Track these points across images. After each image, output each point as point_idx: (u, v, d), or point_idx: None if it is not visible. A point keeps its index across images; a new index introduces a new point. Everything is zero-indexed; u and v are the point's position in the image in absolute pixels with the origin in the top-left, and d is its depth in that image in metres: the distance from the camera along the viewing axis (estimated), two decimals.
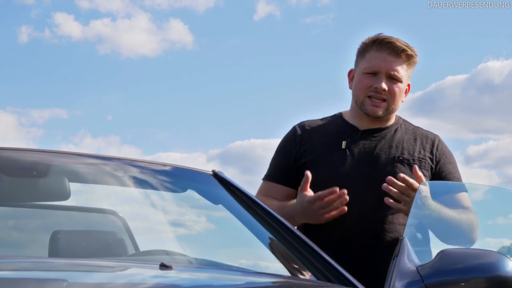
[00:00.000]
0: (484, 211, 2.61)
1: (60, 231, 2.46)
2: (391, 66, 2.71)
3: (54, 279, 1.75)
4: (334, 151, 2.76)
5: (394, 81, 2.72)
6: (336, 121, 2.86)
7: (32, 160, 2.46)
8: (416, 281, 1.91)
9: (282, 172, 2.82)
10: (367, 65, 2.74)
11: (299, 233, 2.20)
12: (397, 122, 2.84)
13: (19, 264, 1.92)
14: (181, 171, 2.58)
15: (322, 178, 2.71)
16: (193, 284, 1.75)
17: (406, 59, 2.74)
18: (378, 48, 2.73)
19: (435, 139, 2.82)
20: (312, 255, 2.11)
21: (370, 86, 2.72)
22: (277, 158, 2.88)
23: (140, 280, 1.80)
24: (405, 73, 2.74)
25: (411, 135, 2.82)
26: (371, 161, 2.73)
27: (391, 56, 2.72)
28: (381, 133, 2.79)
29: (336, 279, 2.00)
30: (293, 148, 2.82)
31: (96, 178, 2.60)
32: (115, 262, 2.12)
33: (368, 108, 2.73)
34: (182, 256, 2.35)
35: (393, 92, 2.72)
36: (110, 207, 3.12)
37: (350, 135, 2.78)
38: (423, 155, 2.76)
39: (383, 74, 2.71)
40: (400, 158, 2.73)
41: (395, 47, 2.72)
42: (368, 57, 2.75)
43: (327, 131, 2.83)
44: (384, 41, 2.73)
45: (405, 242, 1.99)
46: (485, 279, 1.90)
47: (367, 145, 2.75)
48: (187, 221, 2.82)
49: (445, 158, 2.79)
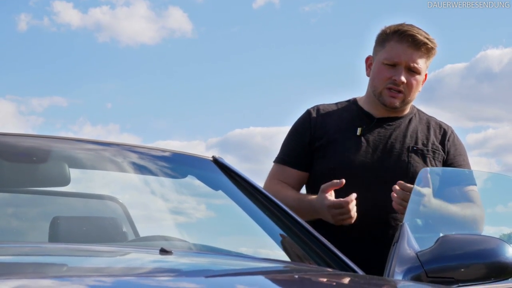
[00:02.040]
0: (483, 198, 2.60)
1: (60, 217, 2.45)
2: (411, 59, 2.70)
3: (54, 263, 1.75)
4: (349, 137, 2.76)
5: (412, 73, 2.72)
6: (350, 107, 2.85)
7: (32, 146, 2.46)
8: (416, 267, 1.91)
9: (296, 155, 2.81)
10: (387, 55, 2.72)
11: (299, 219, 2.20)
12: (412, 111, 2.84)
13: (19, 249, 1.92)
14: (181, 157, 2.58)
15: (336, 163, 2.72)
16: (193, 269, 1.75)
17: (426, 51, 2.73)
18: (399, 39, 2.71)
19: (448, 129, 2.83)
20: (312, 241, 2.11)
21: (389, 78, 2.71)
22: (290, 140, 2.86)
23: (139, 264, 1.80)
24: (424, 65, 2.74)
25: (425, 125, 2.82)
26: (385, 149, 2.73)
27: (412, 49, 2.70)
28: (396, 122, 2.79)
29: (336, 264, 2.01)
30: (307, 131, 2.81)
31: (96, 164, 2.59)
32: (115, 248, 2.12)
33: (386, 99, 2.73)
34: (182, 242, 2.35)
35: (410, 84, 2.72)
36: (110, 193, 3.12)
37: (365, 122, 2.78)
38: (436, 146, 2.77)
39: (403, 66, 2.70)
40: (414, 148, 2.74)
41: (416, 40, 2.70)
42: (388, 47, 2.73)
43: (341, 116, 2.82)
44: (406, 32, 2.71)
45: (405, 228, 1.99)
46: (485, 265, 1.91)
47: (382, 133, 2.76)
48: (187, 207, 2.82)
49: (455, 149, 2.79)
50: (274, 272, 1.82)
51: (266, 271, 1.82)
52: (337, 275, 1.81)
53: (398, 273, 1.89)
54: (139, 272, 1.63)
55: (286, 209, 2.23)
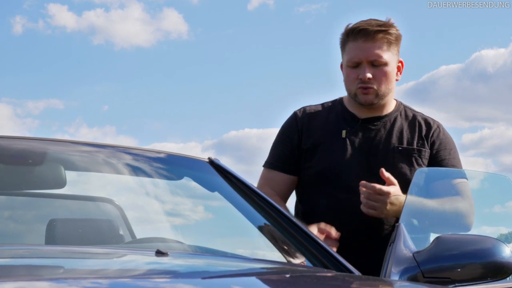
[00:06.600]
0: (481, 198, 2.60)
1: (56, 219, 2.46)
2: (369, 53, 2.67)
3: (50, 265, 1.75)
4: (334, 139, 2.75)
5: (378, 66, 2.68)
6: (336, 108, 2.84)
7: (27, 148, 2.45)
8: (412, 267, 1.91)
9: (284, 159, 2.81)
10: (348, 57, 2.71)
11: (296, 220, 2.20)
12: (398, 108, 2.82)
13: (15, 251, 1.92)
14: (177, 158, 2.58)
15: (322, 168, 2.71)
16: (189, 270, 1.75)
17: (384, 39, 2.68)
18: (353, 38, 2.69)
19: (433, 124, 2.79)
20: (308, 242, 2.11)
21: (356, 78, 2.69)
22: (278, 145, 2.86)
23: (135, 266, 1.80)
24: (389, 53, 2.69)
25: (411, 122, 2.79)
26: (370, 151, 2.72)
27: (367, 43, 2.67)
28: (380, 122, 2.77)
29: (332, 265, 2.01)
30: (294, 134, 2.81)
31: (92, 166, 2.59)
32: (111, 249, 2.12)
33: (361, 98, 2.71)
34: (178, 243, 2.35)
35: (379, 78, 2.69)
36: (107, 195, 3.12)
37: (350, 124, 2.77)
38: (422, 143, 2.74)
39: (365, 63, 2.67)
40: (399, 148, 2.72)
41: (368, 33, 2.66)
42: (347, 49, 2.72)
43: (327, 118, 2.81)
44: (357, 29, 2.68)
45: (401, 228, 1.99)
46: (481, 264, 1.91)
47: (366, 135, 2.74)
48: (183, 208, 2.82)
49: (440, 144, 2.76)
50: (270, 273, 1.82)
51: (262, 272, 1.82)
52: (334, 276, 1.81)
53: (395, 273, 1.89)
54: (135, 274, 1.63)
55: (282, 210, 2.23)
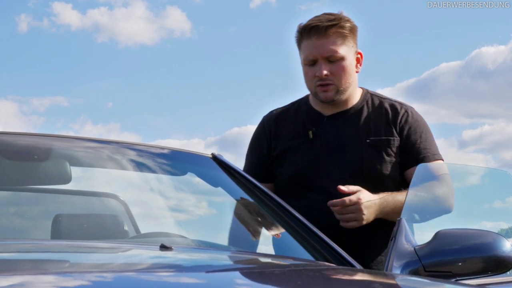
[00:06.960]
0: (481, 193, 2.60)
1: (62, 214, 2.48)
2: (323, 50, 2.63)
3: (56, 260, 1.77)
4: (302, 142, 2.72)
5: (334, 62, 2.65)
6: (302, 108, 2.81)
7: (33, 144, 2.47)
8: (413, 261, 1.93)
9: (256, 168, 2.80)
10: (304, 55, 2.69)
11: (298, 215, 2.21)
12: (364, 98, 2.76)
13: (21, 246, 1.94)
14: (181, 154, 2.60)
15: (291, 171, 2.70)
16: (193, 264, 1.77)
17: (337, 33, 2.64)
18: (306, 36, 2.66)
19: (400, 109, 2.72)
20: (310, 236, 2.12)
21: (314, 76, 2.67)
22: (250, 153, 2.86)
23: (140, 260, 1.82)
24: (344, 47, 2.65)
25: (377, 110, 2.72)
26: (338, 148, 2.68)
27: (320, 39, 2.63)
28: (345, 116, 2.72)
29: (334, 258, 2.02)
30: (264, 142, 2.81)
31: (97, 162, 2.61)
32: (115, 244, 2.14)
33: (321, 95, 2.68)
34: (182, 238, 2.37)
35: (337, 73, 2.65)
36: (111, 191, 3.15)
37: (316, 123, 2.74)
38: (390, 131, 2.68)
39: (321, 59, 2.64)
40: (367, 141, 2.67)
41: (319, 29, 2.63)
42: (302, 48, 2.69)
43: (294, 120, 2.79)
44: (308, 27, 2.65)
45: (403, 223, 2.01)
46: (482, 259, 1.92)
47: (333, 132, 2.71)
48: (187, 204, 2.84)
49: (409, 128, 2.69)
50: (273, 267, 1.83)
51: (266, 266, 1.84)
52: (336, 270, 1.82)
53: (396, 267, 1.91)
54: (139, 268, 1.65)
55: (284, 205, 2.25)
